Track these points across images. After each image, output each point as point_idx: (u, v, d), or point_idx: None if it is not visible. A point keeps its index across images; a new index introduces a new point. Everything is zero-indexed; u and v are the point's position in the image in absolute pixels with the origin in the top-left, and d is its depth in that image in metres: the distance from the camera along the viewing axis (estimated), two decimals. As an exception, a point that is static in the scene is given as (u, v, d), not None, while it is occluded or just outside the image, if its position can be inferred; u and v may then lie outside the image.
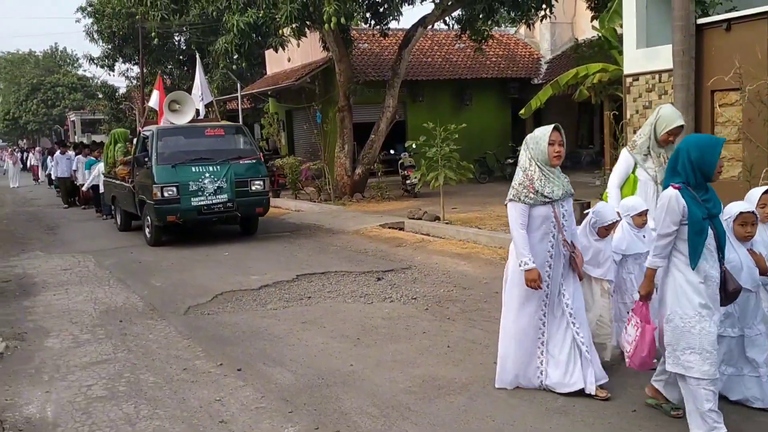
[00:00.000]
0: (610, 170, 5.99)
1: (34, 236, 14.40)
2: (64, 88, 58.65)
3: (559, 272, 4.86)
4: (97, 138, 35.15)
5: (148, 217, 12.18)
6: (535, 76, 23.59)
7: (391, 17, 18.02)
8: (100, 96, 41.29)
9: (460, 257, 10.06)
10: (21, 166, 37.56)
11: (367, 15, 18.21)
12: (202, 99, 14.65)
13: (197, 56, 16.47)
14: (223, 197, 11.77)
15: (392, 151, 21.71)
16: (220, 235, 13.18)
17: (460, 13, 18.59)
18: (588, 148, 23.91)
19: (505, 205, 4.87)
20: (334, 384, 5.26)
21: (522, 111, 16.34)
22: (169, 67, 32.72)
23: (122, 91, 37.78)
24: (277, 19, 14.72)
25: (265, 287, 8.63)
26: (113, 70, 33.32)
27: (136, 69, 33.33)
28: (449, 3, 17.54)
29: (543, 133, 4.73)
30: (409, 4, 17.61)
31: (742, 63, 8.42)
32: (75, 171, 19.94)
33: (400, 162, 19.15)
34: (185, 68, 32.40)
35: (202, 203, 11.64)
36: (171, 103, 13.06)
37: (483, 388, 5.04)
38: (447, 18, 18.83)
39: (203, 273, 9.76)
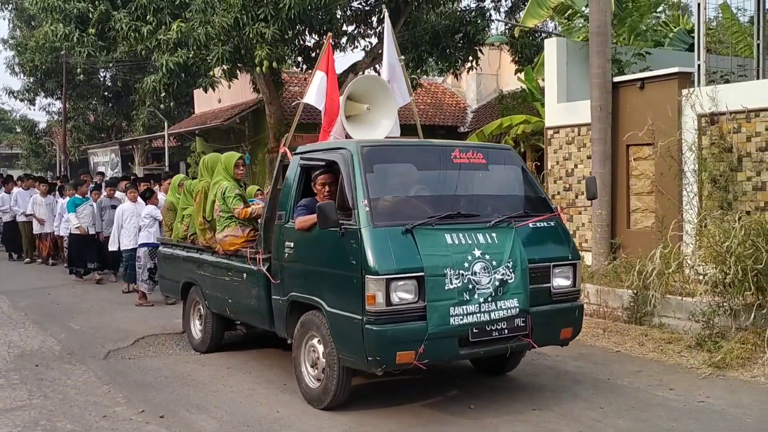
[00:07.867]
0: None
1: (-57, 275, 13.73)
2: (-21, 121, 56.65)
3: None
4: (13, 172, 33.83)
5: (315, 341, 5.70)
6: (462, 125, 24.22)
7: (322, 62, 18.25)
8: (18, 130, 40.04)
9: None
10: None
11: (299, 59, 18.42)
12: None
13: (386, 18, 8.16)
14: (513, 305, 5.25)
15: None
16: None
17: (390, 61, 19.01)
18: (511, 195, 24.58)
19: None
20: (261, 431, 5.21)
21: (448, 158, 16.70)
22: (93, 103, 32.09)
23: (42, 126, 36.81)
24: (208, 60, 14.71)
25: (190, 331, 8.46)
26: (34, 104, 32.58)
27: (58, 104, 32.57)
28: (379, 51, 17.93)
29: None
30: (340, 51, 17.91)
31: (654, 120, 8.96)
32: (32, 214, 14.99)
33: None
34: (110, 105, 31.82)
35: (473, 320, 5.11)
36: (348, 103, 7.02)
37: (409, 434, 5.09)
38: (377, 65, 19.23)
39: (125, 316, 9.51)
